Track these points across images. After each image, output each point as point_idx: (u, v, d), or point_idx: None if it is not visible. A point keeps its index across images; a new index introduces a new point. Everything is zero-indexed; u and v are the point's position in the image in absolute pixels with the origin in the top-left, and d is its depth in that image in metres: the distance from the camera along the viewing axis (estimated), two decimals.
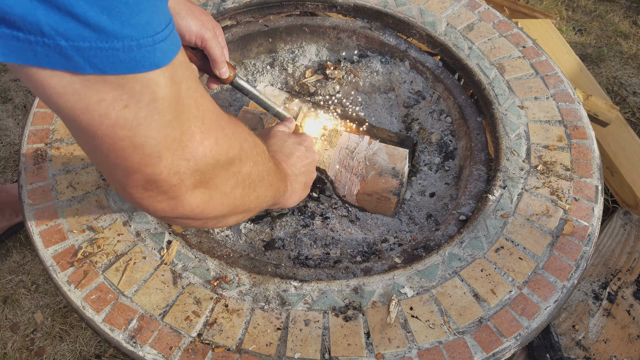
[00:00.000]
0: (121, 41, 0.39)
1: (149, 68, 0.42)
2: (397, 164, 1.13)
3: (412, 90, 1.41)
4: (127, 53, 0.40)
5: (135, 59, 0.40)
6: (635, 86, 2.22)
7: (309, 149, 0.95)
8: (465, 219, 1.03)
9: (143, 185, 0.49)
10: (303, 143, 0.95)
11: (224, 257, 0.97)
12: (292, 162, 0.89)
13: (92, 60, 0.39)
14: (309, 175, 0.94)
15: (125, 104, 0.42)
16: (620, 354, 1.22)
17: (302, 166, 0.91)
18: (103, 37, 0.38)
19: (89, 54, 0.38)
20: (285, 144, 0.92)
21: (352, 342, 0.84)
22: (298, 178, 0.90)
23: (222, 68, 0.94)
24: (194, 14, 0.88)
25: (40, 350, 1.51)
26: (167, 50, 0.43)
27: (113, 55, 0.39)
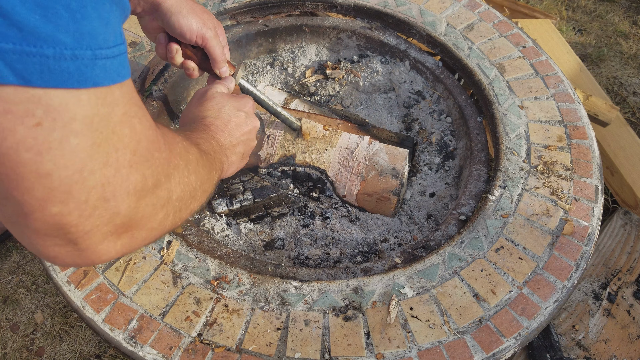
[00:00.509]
0: (52, 47, 0.33)
1: (83, 85, 0.36)
2: (397, 164, 1.13)
3: (412, 90, 1.41)
4: (59, 62, 0.34)
5: (68, 70, 0.35)
6: (635, 86, 2.22)
7: (249, 115, 0.86)
8: (465, 219, 1.03)
9: (45, 229, 0.39)
10: (243, 108, 0.86)
11: (224, 257, 0.97)
12: (229, 131, 0.81)
13: (14, 66, 0.33)
14: (248, 144, 0.87)
15: (38, 122, 0.35)
16: (620, 354, 1.22)
17: (240, 135, 0.83)
18: (31, 40, 0.33)
19: (12, 57, 0.33)
20: (223, 109, 0.83)
21: (352, 342, 0.84)
22: (236, 149, 0.82)
23: (222, 67, 0.94)
24: (195, 12, 0.88)
25: (40, 350, 1.51)
26: (110, 71, 0.37)
27: (41, 63, 0.33)
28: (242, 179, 1.18)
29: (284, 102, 1.27)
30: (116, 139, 0.40)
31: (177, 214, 0.54)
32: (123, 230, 0.45)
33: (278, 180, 1.20)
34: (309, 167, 1.16)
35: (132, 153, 0.42)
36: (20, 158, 0.35)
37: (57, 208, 0.38)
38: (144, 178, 0.44)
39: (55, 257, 0.42)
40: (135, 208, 0.44)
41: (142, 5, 0.88)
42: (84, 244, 0.42)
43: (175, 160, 0.53)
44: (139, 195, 0.44)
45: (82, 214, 0.40)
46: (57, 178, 0.37)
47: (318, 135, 1.16)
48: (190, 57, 0.93)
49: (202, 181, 0.62)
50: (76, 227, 0.40)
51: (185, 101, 1.40)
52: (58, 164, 0.37)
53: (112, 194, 0.41)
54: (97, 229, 0.42)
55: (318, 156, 1.16)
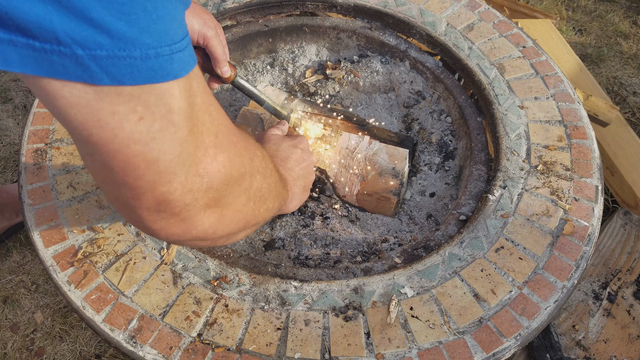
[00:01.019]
0: (139, 49, 0.37)
1: (166, 78, 0.40)
2: (397, 164, 1.13)
3: (412, 90, 1.41)
4: (145, 62, 0.38)
5: (153, 68, 0.38)
6: (635, 86, 2.22)
7: (305, 151, 0.93)
8: (465, 219, 1.03)
9: (155, 206, 0.46)
10: (299, 145, 0.93)
11: (224, 257, 0.97)
12: (289, 166, 0.87)
13: (109, 70, 0.37)
14: (307, 177, 0.93)
15: (140, 117, 0.40)
16: (620, 354, 1.22)
17: (299, 169, 0.90)
18: (121, 45, 0.36)
19: (107, 63, 0.36)
20: (280, 148, 0.90)
21: (352, 342, 0.84)
22: (297, 182, 0.88)
23: (223, 67, 0.94)
24: (196, 12, 0.88)
25: (40, 350, 1.51)
26: (184, 62, 0.41)
27: (131, 65, 0.37)
28: None
29: (283, 102, 1.27)
30: (200, 124, 0.46)
31: (257, 203, 0.60)
32: (214, 204, 0.51)
33: None
34: None
35: (215, 136, 0.48)
36: (131, 150, 0.41)
37: (165, 187, 0.44)
38: (230, 158, 0.50)
39: (161, 229, 0.49)
40: (225, 184, 0.50)
41: None
42: (185, 214, 0.48)
43: (252, 149, 0.59)
44: (227, 173, 0.50)
45: (184, 190, 0.46)
46: (163, 163, 0.43)
47: (318, 136, 1.16)
48: None
49: (276, 181, 0.68)
50: (180, 201, 0.46)
51: None
52: (162, 150, 0.42)
53: (205, 171, 0.47)
54: (195, 202, 0.48)
55: (318, 156, 1.16)
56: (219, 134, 0.49)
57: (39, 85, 0.37)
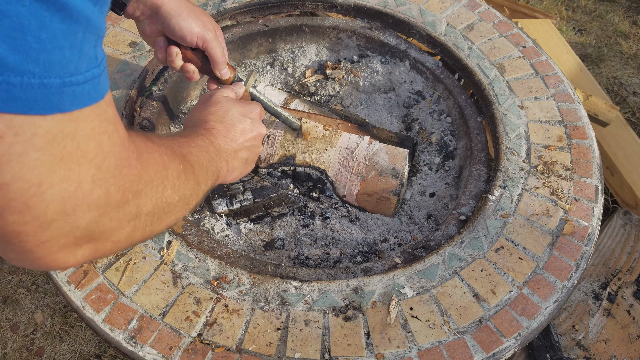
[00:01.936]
0: (20, 76, 0.34)
1: (48, 111, 0.37)
2: (397, 164, 1.13)
3: (412, 90, 1.41)
4: (25, 91, 0.35)
5: (34, 98, 0.35)
6: (635, 86, 2.22)
7: (254, 121, 0.86)
8: (465, 219, 1.03)
9: (1, 235, 0.40)
10: (249, 114, 0.86)
11: (224, 257, 0.97)
12: (232, 136, 0.81)
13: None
14: (253, 150, 0.86)
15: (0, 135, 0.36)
16: (620, 354, 1.22)
17: (244, 140, 0.83)
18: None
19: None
20: (227, 114, 0.83)
21: (352, 342, 0.84)
22: (238, 154, 0.82)
23: (222, 69, 0.94)
24: (195, 14, 0.88)
25: (40, 350, 1.51)
26: (80, 96, 0.38)
27: (7, 90, 0.34)
28: (242, 179, 1.18)
29: (284, 102, 1.27)
30: (80, 154, 0.40)
31: (148, 227, 0.55)
32: (84, 242, 0.45)
33: (278, 180, 1.20)
34: (309, 167, 1.16)
35: (97, 169, 0.42)
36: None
37: (13, 217, 0.39)
38: (108, 194, 0.44)
39: (13, 259, 0.43)
40: (97, 222, 0.45)
41: (142, 9, 0.88)
42: (40, 253, 0.42)
43: (148, 176, 0.52)
44: (102, 210, 0.44)
45: (40, 226, 0.40)
46: (15, 190, 0.38)
47: (318, 135, 1.16)
48: (190, 60, 0.93)
49: (183, 195, 0.62)
50: (32, 236, 0.41)
51: (185, 101, 1.40)
52: (16, 176, 0.37)
53: (72, 209, 0.41)
54: (54, 240, 0.42)
55: (318, 156, 1.16)
56: (102, 166, 0.43)
57: None
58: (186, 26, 0.87)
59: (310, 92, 1.46)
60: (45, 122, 0.37)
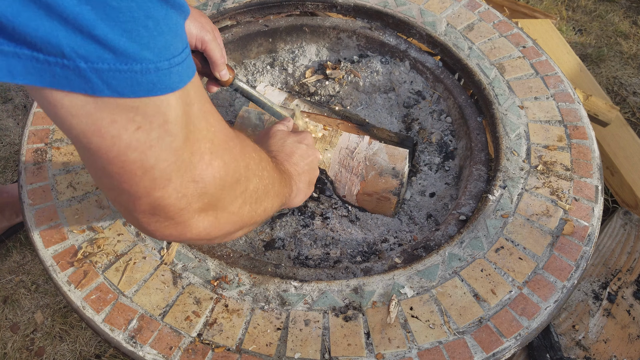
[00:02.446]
0: (139, 64, 0.39)
1: (164, 91, 0.42)
2: (397, 164, 1.13)
3: (412, 90, 1.41)
4: (145, 76, 0.40)
5: (153, 81, 0.40)
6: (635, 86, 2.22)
7: (309, 147, 0.95)
8: (465, 219, 1.03)
9: (150, 210, 0.48)
10: (303, 141, 0.94)
11: (224, 257, 0.97)
12: (294, 162, 0.89)
13: (110, 82, 0.39)
14: (312, 172, 0.94)
15: (138, 126, 0.42)
16: (620, 354, 1.22)
17: (304, 165, 0.91)
18: (122, 60, 0.38)
19: (108, 75, 0.38)
20: (285, 144, 0.92)
21: (352, 342, 0.84)
22: (302, 177, 0.89)
23: (222, 70, 0.94)
24: (193, 16, 0.88)
25: (40, 350, 1.51)
26: (182, 74, 0.43)
27: (131, 78, 0.39)
28: None
29: (283, 102, 1.27)
30: (197, 131, 0.47)
31: (253, 205, 0.62)
32: (209, 208, 0.52)
33: None
34: None
35: (211, 143, 0.49)
36: (128, 157, 0.43)
37: (159, 193, 0.46)
38: (225, 163, 0.52)
39: (156, 230, 0.51)
40: (220, 189, 0.52)
41: None
42: (179, 219, 0.50)
43: (249, 153, 0.60)
44: (222, 178, 0.52)
45: (178, 195, 0.48)
46: (159, 170, 0.45)
47: (318, 135, 1.16)
48: None
49: (274, 182, 0.69)
50: (174, 205, 0.48)
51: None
52: (159, 158, 0.44)
53: (200, 177, 0.49)
54: (189, 206, 0.49)
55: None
56: (214, 140, 0.50)
57: (42, 95, 0.39)
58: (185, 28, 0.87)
59: (310, 92, 1.46)
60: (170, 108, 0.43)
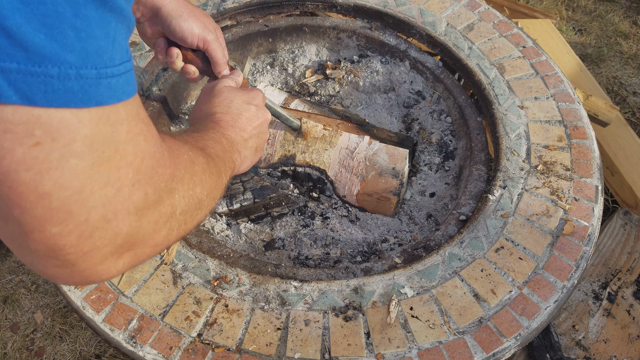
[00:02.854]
0: (57, 67, 0.33)
1: (86, 104, 0.35)
2: (397, 164, 1.13)
3: (412, 90, 1.41)
4: (63, 82, 0.34)
5: (72, 90, 0.34)
6: (635, 86, 2.22)
7: (259, 108, 0.85)
8: (465, 219, 1.03)
9: (44, 250, 0.38)
10: (253, 101, 0.85)
11: (224, 257, 0.97)
12: (240, 126, 0.80)
13: (18, 86, 0.32)
14: (260, 137, 0.86)
15: (37, 141, 0.34)
16: (620, 354, 1.22)
17: (252, 129, 0.82)
18: (36, 60, 0.32)
19: (16, 77, 0.32)
20: (232, 104, 0.82)
21: (352, 342, 0.84)
22: (248, 143, 0.81)
23: (223, 69, 0.94)
24: (195, 16, 0.88)
25: (40, 350, 1.51)
26: (116, 90, 0.37)
27: (45, 82, 0.33)
28: (242, 179, 1.18)
29: (283, 102, 1.27)
30: (119, 157, 0.39)
31: (182, 226, 0.54)
32: (125, 250, 0.44)
33: (278, 180, 1.20)
34: (309, 167, 1.16)
35: (136, 171, 0.41)
36: (20, 177, 0.35)
37: (56, 228, 0.38)
38: (146, 196, 0.43)
39: (55, 276, 0.42)
40: (138, 227, 0.43)
41: (142, 10, 0.88)
42: (82, 265, 0.41)
43: (179, 174, 0.51)
44: (141, 213, 0.43)
45: (82, 235, 0.39)
46: (57, 198, 0.36)
47: (318, 135, 1.16)
48: (191, 61, 0.93)
49: (210, 190, 0.61)
50: (75, 247, 0.39)
51: (185, 101, 1.40)
52: (58, 184, 0.36)
53: (113, 214, 0.40)
54: (97, 250, 0.41)
55: (318, 156, 1.16)
56: (141, 168, 0.42)
57: None
58: (187, 27, 0.87)
59: (310, 92, 1.46)
60: (81, 124, 0.36)
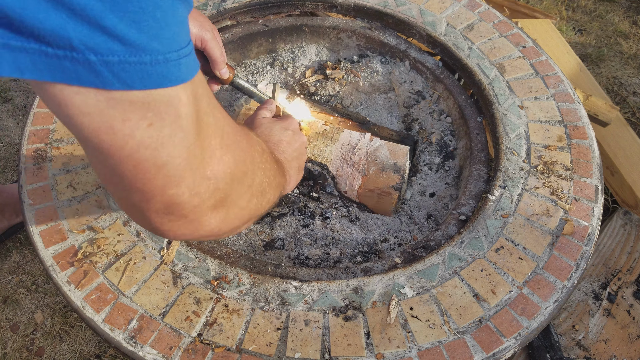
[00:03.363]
0: (149, 55, 0.38)
1: (174, 82, 0.41)
2: (399, 160, 1.13)
3: (412, 90, 1.41)
4: (154, 67, 0.39)
5: (162, 73, 0.40)
6: (635, 86, 2.22)
7: (295, 132, 0.93)
8: (465, 219, 1.03)
9: (164, 208, 0.47)
10: (289, 127, 0.92)
11: (224, 257, 0.97)
12: (282, 149, 0.87)
13: (120, 75, 0.38)
14: (300, 158, 0.93)
15: (150, 122, 0.41)
16: (620, 354, 1.22)
17: (292, 151, 0.89)
18: (132, 51, 0.38)
19: (118, 68, 0.38)
20: (272, 132, 0.89)
21: (352, 342, 0.84)
22: (292, 164, 0.88)
23: (222, 69, 0.94)
24: (192, 16, 0.88)
25: (40, 350, 1.51)
26: (190, 66, 0.43)
27: (141, 70, 0.38)
28: None
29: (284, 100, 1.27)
30: (206, 127, 0.47)
31: (259, 198, 0.62)
32: (221, 204, 0.52)
33: None
34: (311, 162, 1.17)
35: (220, 137, 0.50)
36: (141, 155, 0.42)
37: (173, 190, 0.46)
38: (234, 159, 0.52)
39: (169, 230, 0.50)
40: (230, 184, 0.52)
41: None
42: (193, 216, 0.50)
43: (252, 148, 0.60)
44: (232, 174, 0.52)
45: (191, 192, 0.47)
46: (172, 167, 0.44)
47: (319, 131, 1.16)
48: None
49: (275, 173, 0.70)
50: (188, 203, 0.48)
51: None
52: (171, 155, 0.43)
53: (212, 173, 0.49)
54: (202, 203, 0.49)
55: (319, 151, 1.16)
56: (224, 135, 0.50)
57: (51, 93, 0.38)
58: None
59: (310, 92, 1.46)
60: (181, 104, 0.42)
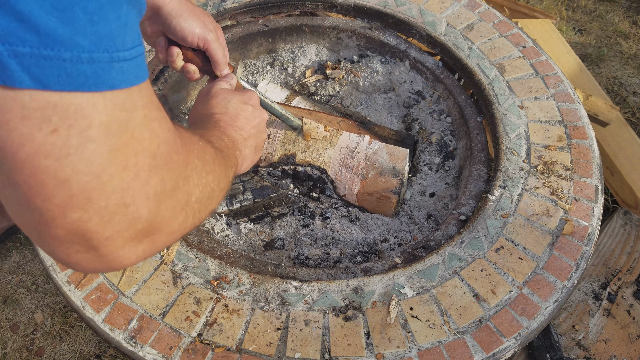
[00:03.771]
0: (69, 51, 0.33)
1: (99, 88, 0.35)
2: (398, 163, 1.13)
3: (412, 90, 1.41)
4: (76, 66, 0.34)
5: (85, 74, 0.34)
6: (635, 86, 2.22)
7: (255, 108, 0.86)
8: (465, 219, 1.03)
9: (66, 236, 0.39)
10: (249, 102, 0.86)
11: (224, 257, 0.97)
12: (239, 125, 0.81)
13: (32, 70, 0.32)
14: (259, 136, 0.86)
15: (55, 128, 0.34)
16: (620, 354, 1.22)
17: (250, 128, 0.83)
18: (49, 43, 0.32)
19: (30, 62, 0.32)
20: (229, 105, 0.83)
21: (352, 342, 0.84)
22: (247, 142, 0.82)
23: (224, 69, 0.94)
24: (196, 15, 0.88)
25: (40, 350, 1.51)
26: (127, 73, 0.37)
27: (58, 66, 0.33)
28: (242, 179, 1.18)
29: (285, 100, 1.27)
30: (136, 143, 0.40)
31: (197, 215, 0.54)
32: (144, 235, 0.44)
33: (278, 179, 1.20)
34: (309, 167, 1.16)
35: (152, 157, 0.42)
36: (40, 164, 0.35)
37: (77, 214, 0.38)
38: (163, 181, 0.44)
39: (77, 263, 0.42)
40: (156, 212, 0.44)
41: None
42: (105, 250, 0.41)
43: (193, 162, 0.52)
44: (159, 199, 0.44)
45: (102, 220, 0.39)
46: (76, 184, 0.37)
47: (319, 137, 1.16)
48: (191, 60, 0.93)
49: (219, 180, 0.61)
50: (97, 233, 0.40)
51: (185, 101, 1.40)
52: (77, 169, 0.36)
53: (131, 199, 0.40)
54: (117, 235, 0.41)
55: (318, 155, 1.16)
56: (157, 154, 0.43)
57: None
58: (187, 27, 0.87)
59: (310, 92, 1.46)
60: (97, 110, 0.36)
